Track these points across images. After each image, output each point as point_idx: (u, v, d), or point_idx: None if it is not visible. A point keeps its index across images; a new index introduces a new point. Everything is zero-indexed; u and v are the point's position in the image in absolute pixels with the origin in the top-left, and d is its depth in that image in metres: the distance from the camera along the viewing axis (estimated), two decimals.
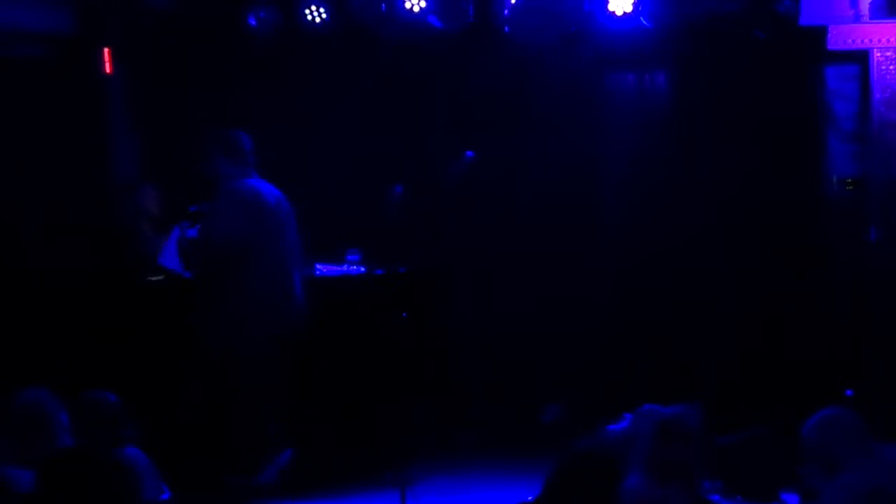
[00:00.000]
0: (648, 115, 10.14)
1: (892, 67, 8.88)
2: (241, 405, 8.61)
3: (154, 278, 9.20)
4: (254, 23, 10.45)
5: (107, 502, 4.80)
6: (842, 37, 8.88)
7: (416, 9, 9.72)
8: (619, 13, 9.30)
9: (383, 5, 9.87)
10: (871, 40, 8.85)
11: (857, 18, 8.82)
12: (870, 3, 8.79)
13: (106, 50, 10.62)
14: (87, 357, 8.92)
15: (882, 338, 8.88)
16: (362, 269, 9.54)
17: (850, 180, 9.23)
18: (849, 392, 8.29)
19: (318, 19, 10.23)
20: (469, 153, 9.52)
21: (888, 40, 8.83)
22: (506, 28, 9.66)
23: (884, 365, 8.82)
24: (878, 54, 8.87)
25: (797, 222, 9.64)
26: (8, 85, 10.11)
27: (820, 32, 8.98)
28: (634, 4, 9.25)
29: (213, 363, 8.60)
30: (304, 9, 10.23)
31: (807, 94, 9.46)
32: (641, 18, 9.33)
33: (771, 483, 7.65)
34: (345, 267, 9.55)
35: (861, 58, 9.01)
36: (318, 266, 9.55)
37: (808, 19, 8.92)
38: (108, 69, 10.66)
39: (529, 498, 5.93)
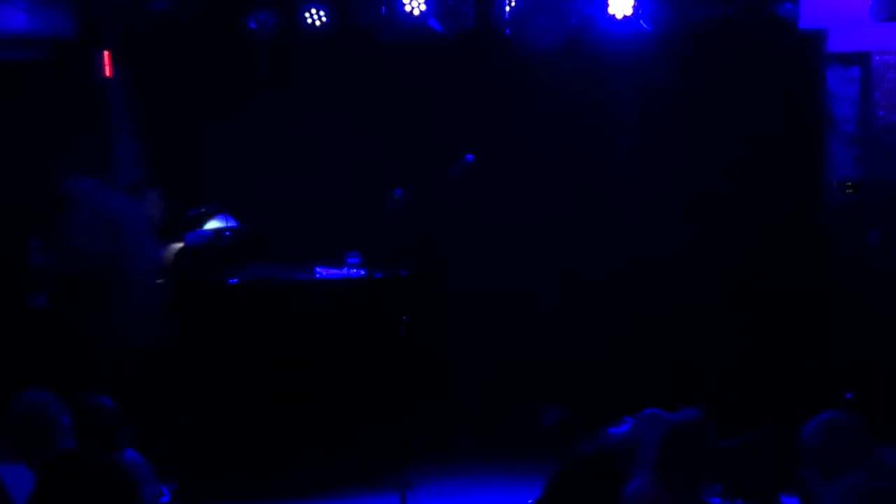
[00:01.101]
0: (648, 118, 10.14)
1: (892, 70, 8.88)
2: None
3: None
4: (254, 26, 10.45)
5: None
6: (842, 39, 8.88)
7: (416, 12, 9.72)
8: (619, 16, 9.31)
9: (383, 8, 9.87)
10: (871, 43, 8.86)
11: (858, 21, 8.82)
12: (870, 6, 8.79)
13: (106, 53, 10.62)
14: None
15: (882, 341, 8.88)
16: (362, 272, 9.54)
17: (850, 183, 9.22)
18: (848, 395, 8.27)
19: (317, 22, 10.23)
20: (469, 156, 9.52)
21: (888, 43, 8.83)
22: (506, 31, 9.66)
23: (884, 368, 8.82)
24: (879, 57, 8.87)
25: (797, 225, 9.64)
26: (8, 88, 10.12)
27: (820, 35, 8.99)
28: (634, 7, 9.26)
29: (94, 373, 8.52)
30: (304, 12, 10.23)
31: (807, 97, 9.46)
32: (641, 21, 9.34)
33: (771, 486, 7.63)
34: (345, 270, 9.54)
35: (861, 60, 9.01)
36: (318, 269, 9.54)
37: (809, 22, 8.93)
38: (108, 72, 10.66)
39: (530, 501, 5.94)
